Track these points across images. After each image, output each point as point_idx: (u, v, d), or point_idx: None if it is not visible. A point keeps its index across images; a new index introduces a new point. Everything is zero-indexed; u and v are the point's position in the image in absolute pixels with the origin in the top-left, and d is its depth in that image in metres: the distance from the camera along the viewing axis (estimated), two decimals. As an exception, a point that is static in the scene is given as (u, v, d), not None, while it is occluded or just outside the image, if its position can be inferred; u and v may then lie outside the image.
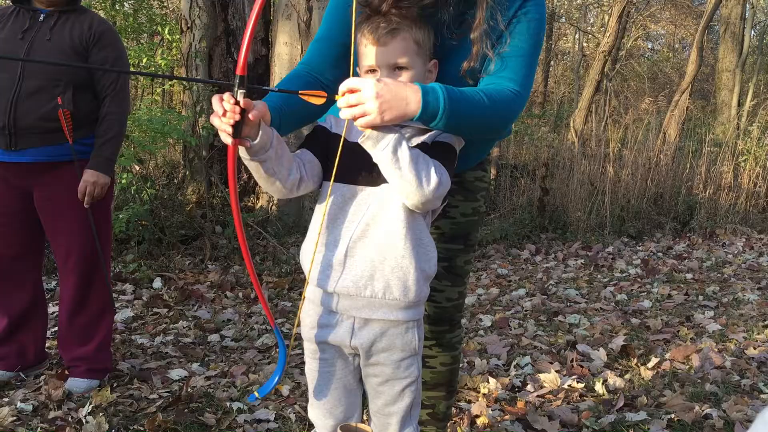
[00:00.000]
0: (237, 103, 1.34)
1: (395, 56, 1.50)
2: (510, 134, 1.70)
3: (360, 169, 1.51)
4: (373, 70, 1.53)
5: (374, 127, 1.40)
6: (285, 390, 2.87)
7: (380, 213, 1.51)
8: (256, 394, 1.61)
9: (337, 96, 1.42)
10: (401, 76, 1.51)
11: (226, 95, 1.35)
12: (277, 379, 1.63)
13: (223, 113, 1.35)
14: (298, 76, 1.66)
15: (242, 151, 1.40)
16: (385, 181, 1.49)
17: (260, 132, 1.38)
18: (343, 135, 1.50)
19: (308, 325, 1.62)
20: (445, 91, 1.44)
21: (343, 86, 1.41)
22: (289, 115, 1.57)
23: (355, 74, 1.56)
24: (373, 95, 1.37)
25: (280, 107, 1.55)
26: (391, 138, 1.40)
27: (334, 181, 1.53)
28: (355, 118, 1.40)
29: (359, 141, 1.43)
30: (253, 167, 1.44)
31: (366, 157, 1.48)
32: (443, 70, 1.63)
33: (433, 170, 1.44)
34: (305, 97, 1.47)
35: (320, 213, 1.55)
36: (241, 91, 1.34)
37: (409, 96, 1.40)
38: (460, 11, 1.60)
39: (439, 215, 1.80)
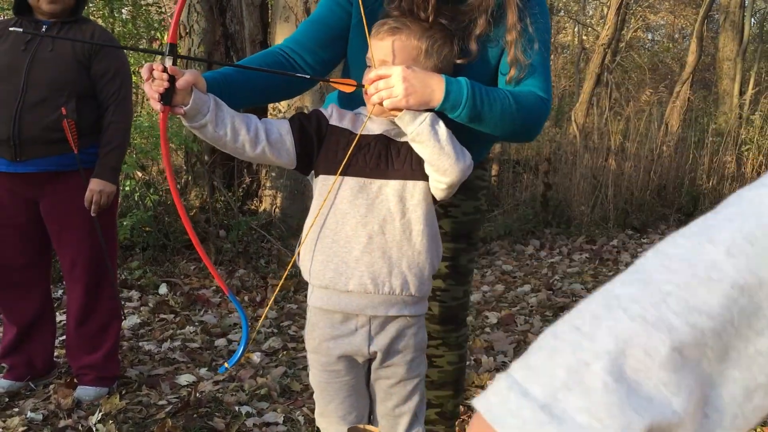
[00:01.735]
0: (165, 70, 1.36)
1: (386, 53, 1.50)
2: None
3: (367, 162, 1.51)
4: (368, 63, 1.54)
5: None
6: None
7: (398, 208, 1.50)
8: (226, 365, 1.57)
9: (366, 85, 1.47)
10: None
11: (156, 63, 1.38)
12: (242, 349, 1.58)
13: (149, 79, 1.38)
14: (272, 52, 1.65)
15: (183, 119, 1.43)
16: (400, 175, 1.50)
17: (191, 99, 1.39)
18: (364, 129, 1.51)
19: (318, 337, 1.58)
20: (470, 84, 1.47)
21: (372, 74, 1.45)
22: (238, 85, 1.56)
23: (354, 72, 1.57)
24: (401, 78, 1.42)
25: (229, 78, 1.55)
26: (427, 114, 1.44)
27: (337, 174, 1.52)
28: (381, 101, 1.44)
29: (395, 120, 1.45)
30: (196, 133, 1.46)
31: (374, 149, 1.49)
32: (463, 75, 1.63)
33: (464, 149, 1.48)
34: (335, 85, 1.51)
35: (325, 208, 1.53)
36: (170, 58, 1.37)
37: (434, 84, 1.45)
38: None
39: (441, 214, 1.80)
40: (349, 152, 1.49)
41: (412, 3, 1.53)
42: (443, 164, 1.45)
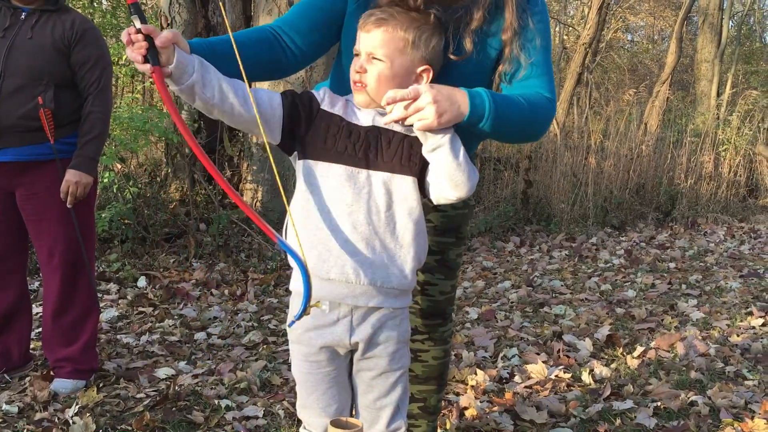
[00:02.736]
0: (138, 31, 1.33)
1: (372, 45, 1.49)
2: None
3: (356, 151, 1.49)
4: (357, 54, 1.53)
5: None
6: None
7: (384, 200, 1.49)
8: (294, 319, 1.44)
9: (384, 103, 1.44)
10: (375, 65, 1.49)
11: (130, 27, 1.36)
12: (307, 297, 1.39)
13: (129, 42, 1.35)
14: (261, 29, 1.62)
15: (170, 83, 1.40)
16: (388, 168, 1.49)
17: (175, 58, 1.36)
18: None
19: (299, 327, 1.56)
20: (490, 94, 1.48)
21: (399, 96, 1.43)
22: (221, 54, 1.50)
23: (343, 63, 1.56)
24: (430, 100, 1.41)
25: (215, 48, 1.50)
26: (447, 130, 1.45)
27: (325, 161, 1.50)
28: (403, 118, 1.43)
29: (415, 130, 1.45)
30: (184, 97, 1.43)
31: (364, 139, 1.48)
32: (458, 73, 1.62)
33: (473, 165, 1.51)
34: None
35: (311, 194, 1.51)
36: (135, 16, 1.34)
37: (459, 99, 1.45)
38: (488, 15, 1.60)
39: (430, 208, 1.80)
40: (338, 141, 1.49)
41: None
42: (458, 178, 1.46)
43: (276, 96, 1.51)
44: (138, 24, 1.33)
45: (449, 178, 1.47)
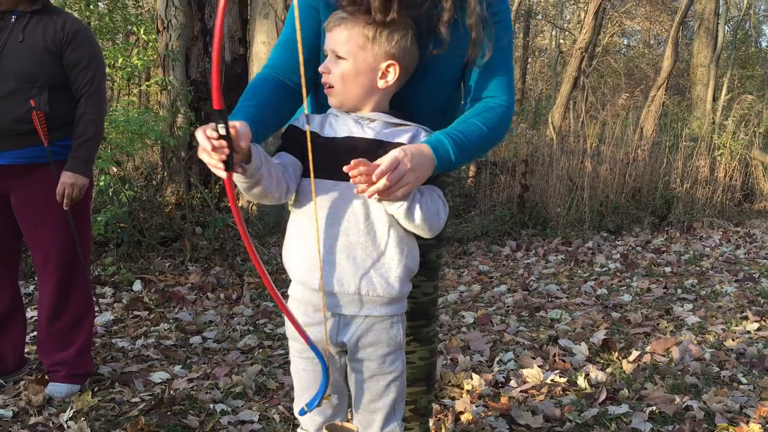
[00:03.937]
0: (222, 137, 1.26)
1: (335, 43, 1.52)
2: None
3: (332, 164, 1.50)
4: (326, 55, 1.56)
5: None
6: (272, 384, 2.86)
7: (362, 210, 1.51)
8: (305, 408, 1.56)
9: (374, 178, 1.41)
10: (339, 64, 1.52)
11: (209, 130, 1.27)
12: (323, 389, 1.54)
13: (213, 148, 1.27)
14: (265, 80, 1.63)
15: (239, 178, 1.36)
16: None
17: (252, 155, 1.34)
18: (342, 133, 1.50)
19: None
20: (450, 139, 1.52)
21: (378, 171, 1.40)
22: (264, 123, 1.52)
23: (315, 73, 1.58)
24: (408, 169, 1.43)
25: (255, 117, 1.50)
26: (404, 202, 1.47)
27: (307, 177, 1.52)
28: (389, 188, 1.43)
29: (376, 200, 1.47)
30: (246, 188, 1.40)
31: (339, 151, 1.50)
32: (434, 73, 1.64)
33: (441, 208, 1.54)
34: None
35: (299, 210, 1.55)
36: (222, 125, 1.25)
37: (426, 154, 1.48)
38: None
39: None
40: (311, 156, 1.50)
41: None
42: (418, 232, 1.54)
43: (286, 156, 1.54)
44: (222, 131, 1.25)
45: (407, 228, 1.53)
